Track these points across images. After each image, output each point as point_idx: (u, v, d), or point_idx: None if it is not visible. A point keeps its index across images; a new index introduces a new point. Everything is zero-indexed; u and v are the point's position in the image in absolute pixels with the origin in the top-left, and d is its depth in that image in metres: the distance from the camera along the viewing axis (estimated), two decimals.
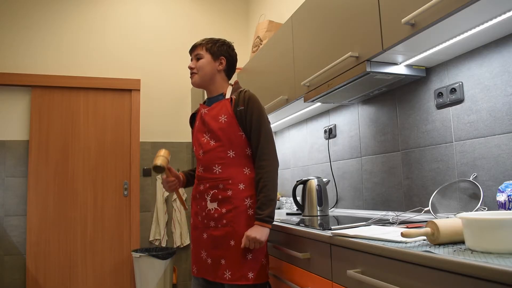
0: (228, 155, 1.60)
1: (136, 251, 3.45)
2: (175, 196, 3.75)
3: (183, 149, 3.91)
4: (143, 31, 3.92)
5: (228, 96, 1.69)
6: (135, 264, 3.35)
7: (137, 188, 3.71)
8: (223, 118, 1.61)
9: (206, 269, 1.61)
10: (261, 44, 3.07)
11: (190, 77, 1.73)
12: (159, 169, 1.61)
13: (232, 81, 1.83)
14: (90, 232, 3.58)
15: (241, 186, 1.59)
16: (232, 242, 1.54)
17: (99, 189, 3.66)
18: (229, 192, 1.57)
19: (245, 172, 1.61)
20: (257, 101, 1.63)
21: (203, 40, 1.72)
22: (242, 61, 4.08)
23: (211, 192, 1.60)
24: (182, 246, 3.70)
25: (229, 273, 1.52)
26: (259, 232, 1.49)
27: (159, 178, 3.77)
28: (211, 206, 1.59)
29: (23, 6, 3.62)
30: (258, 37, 3.13)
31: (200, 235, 1.65)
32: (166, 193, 3.74)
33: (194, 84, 1.72)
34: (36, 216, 3.45)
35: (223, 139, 1.60)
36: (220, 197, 1.58)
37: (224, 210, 1.57)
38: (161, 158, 1.62)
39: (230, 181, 1.58)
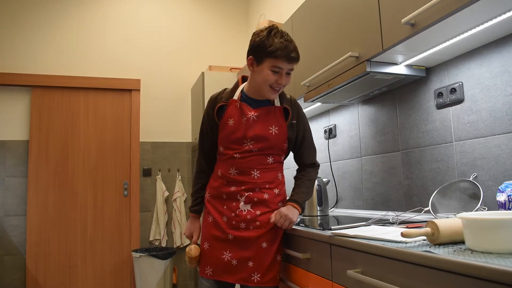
0: (268, 161, 1.56)
1: (136, 251, 3.45)
2: (175, 196, 3.75)
3: (183, 149, 3.91)
4: (143, 31, 3.92)
5: (277, 103, 1.58)
6: (135, 264, 3.35)
7: (137, 188, 3.71)
8: (273, 130, 1.53)
9: (227, 270, 1.52)
10: None
11: (274, 90, 1.50)
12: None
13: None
14: (90, 232, 3.58)
15: (276, 191, 1.58)
16: (264, 244, 1.51)
17: (99, 189, 3.66)
18: (266, 196, 1.54)
19: (279, 177, 1.61)
20: (303, 110, 1.66)
21: (298, 53, 1.50)
22: (242, 61, 4.08)
23: (246, 194, 1.53)
24: (182, 246, 3.69)
25: (258, 275, 1.48)
26: (290, 212, 1.48)
27: (159, 178, 3.77)
28: (244, 207, 1.53)
29: (23, 6, 3.62)
30: None
31: (223, 235, 1.54)
32: (166, 193, 3.75)
33: (272, 98, 1.55)
34: (36, 216, 3.44)
35: (267, 148, 1.54)
36: (255, 199, 1.53)
37: (258, 212, 1.52)
38: (195, 263, 1.63)
39: (267, 186, 1.56)
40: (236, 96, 1.58)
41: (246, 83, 1.62)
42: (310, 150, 1.67)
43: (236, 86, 1.63)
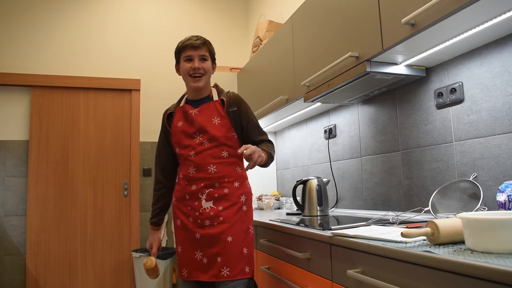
0: (222, 154, 1.62)
1: (136, 251, 3.45)
2: None
3: None
4: (143, 31, 3.92)
5: (215, 98, 1.69)
6: (135, 264, 3.35)
7: (137, 188, 3.71)
8: (216, 120, 1.64)
9: (200, 269, 1.58)
10: (261, 44, 3.07)
11: (195, 79, 1.64)
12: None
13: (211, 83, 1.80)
14: (90, 232, 3.58)
15: (236, 184, 1.63)
16: (230, 239, 1.55)
17: (99, 189, 3.66)
18: (226, 190, 1.60)
19: (237, 171, 1.66)
20: (245, 101, 1.74)
21: (204, 40, 1.66)
22: (242, 61, 4.08)
23: (206, 191, 1.60)
24: None
25: (227, 269, 1.53)
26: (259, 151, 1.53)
27: None
28: (207, 205, 1.59)
29: (23, 6, 3.62)
30: (258, 37, 3.13)
31: (191, 236, 1.61)
32: None
33: (199, 88, 1.65)
34: (36, 216, 3.44)
35: (215, 138, 1.62)
36: (216, 195, 1.59)
37: (220, 208, 1.58)
38: (153, 274, 1.73)
39: (225, 179, 1.61)
40: (182, 104, 1.74)
41: None
42: (259, 133, 1.73)
43: (182, 97, 1.79)
